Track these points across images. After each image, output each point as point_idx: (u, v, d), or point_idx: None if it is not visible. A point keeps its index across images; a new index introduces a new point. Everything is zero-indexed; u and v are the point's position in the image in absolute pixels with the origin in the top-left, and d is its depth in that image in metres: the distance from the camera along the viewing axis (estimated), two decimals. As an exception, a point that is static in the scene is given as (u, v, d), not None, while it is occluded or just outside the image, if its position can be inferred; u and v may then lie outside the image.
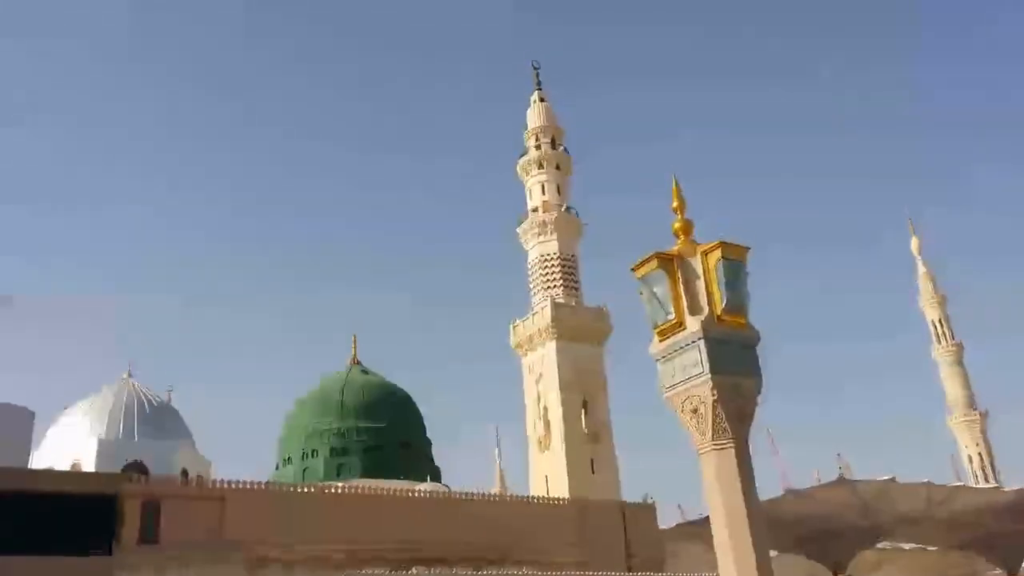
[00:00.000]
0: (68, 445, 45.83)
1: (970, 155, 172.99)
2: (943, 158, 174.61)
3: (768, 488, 56.22)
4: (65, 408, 49.84)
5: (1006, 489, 49.26)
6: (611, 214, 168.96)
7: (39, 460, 45.00)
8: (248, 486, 40.33)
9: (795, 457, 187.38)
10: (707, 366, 9.87)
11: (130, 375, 52.42)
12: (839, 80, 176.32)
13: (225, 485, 39.82)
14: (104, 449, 44.35)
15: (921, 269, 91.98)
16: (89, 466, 43.05)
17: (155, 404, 50.00)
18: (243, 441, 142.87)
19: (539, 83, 64.35)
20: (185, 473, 45.10)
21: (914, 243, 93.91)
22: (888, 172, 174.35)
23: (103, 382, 50.65)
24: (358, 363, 68.81)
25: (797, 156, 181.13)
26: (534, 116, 62.53)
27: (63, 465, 43.67)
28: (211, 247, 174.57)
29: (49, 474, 38.48)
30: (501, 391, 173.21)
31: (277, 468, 63.29)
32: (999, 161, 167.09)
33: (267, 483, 43.11)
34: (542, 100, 63.25)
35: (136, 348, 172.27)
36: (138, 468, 41.94)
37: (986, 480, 79.06)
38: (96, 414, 47.56)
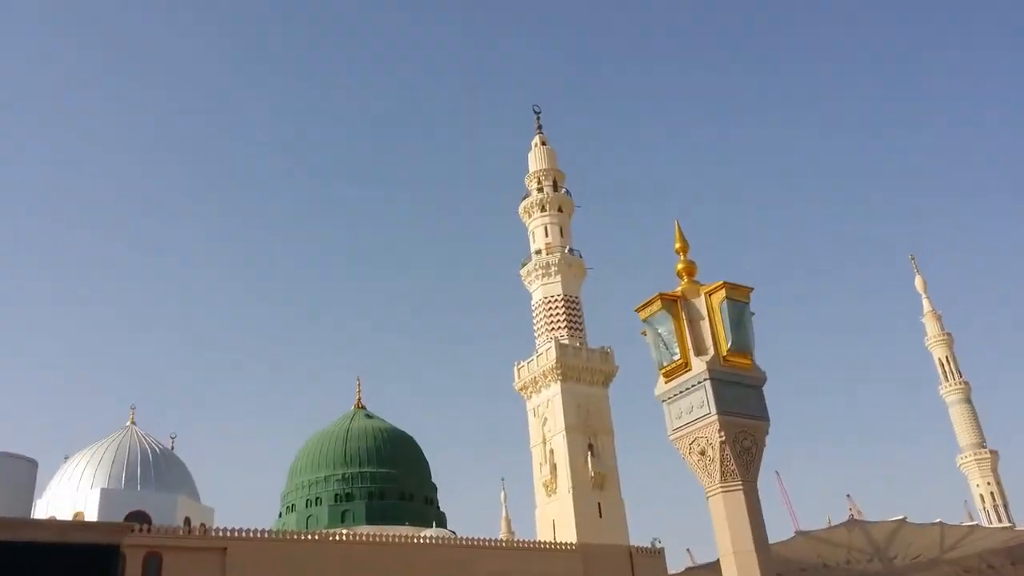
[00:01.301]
0: (71, 494, 45.52)
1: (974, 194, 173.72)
2: (946, 196, 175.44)
3: (778, 531, 55.41)
4: (67, 456, 49.57)
5: (1020, 528, 48.56)
6: (615, 255, 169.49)
7: (42, 509, 44.65)
8: (250, 535, 39.91)
9: (805, 499, 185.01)
10: (714, 407, 9.77)
11: (133, 422, 52.21)
12: (839, 119, 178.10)
13: (227, 534, 39.45)
14: (107, 499, 44.06)
15: (927, 307, 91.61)
16: (92, 516, 42.70)
17: (158, 451, 49.71)
18: (246, 486, 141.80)
19: (540, 126, 65.07)
20: (188, 522, 44.70)
21: (918, 281, 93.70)
22: (891, 210, 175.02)
23: (106, 426, 50.37)
24: (362, 407, 68.44)
25: (798, 197, 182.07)
26: (535, 159, 63.04)
27: (66, 515, 43.33)
28: (215, 290, 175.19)
29: (51, 524, 38.12)
30: (507, 435, 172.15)
31: (280, 516, 62.60)
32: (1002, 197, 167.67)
33: (269, 531, 42.58)
34: (543, 143, 63.84)
35: (139, 392, 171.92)
36: (141, 518, 41.62)
37: (999, 520, 77.84)
38: (99, 463, 47.26)
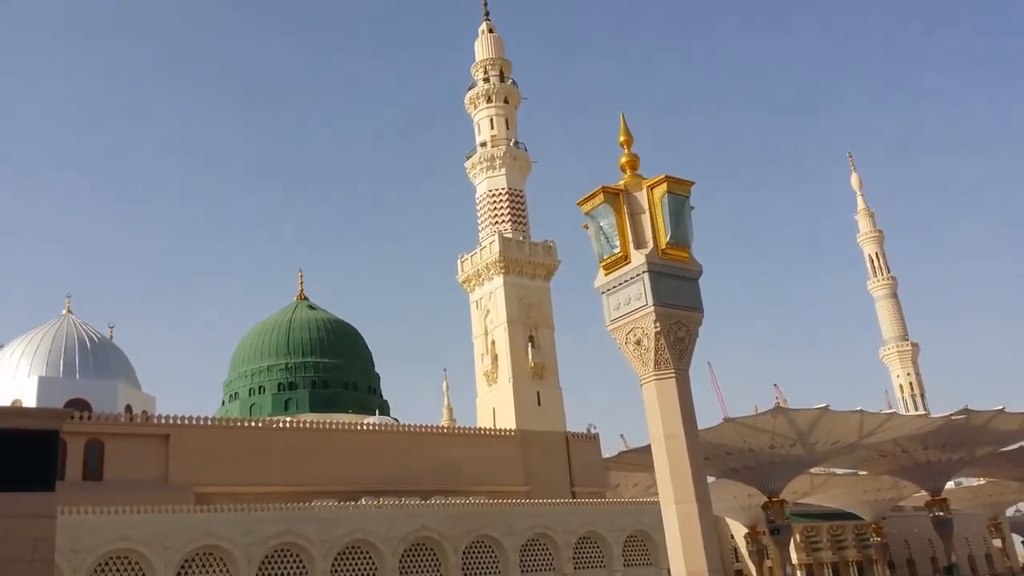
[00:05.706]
0: (7, 383, 44.91)
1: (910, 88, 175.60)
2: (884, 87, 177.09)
3: (708, 418, 57.86)
4: (1, 345, 48.62)
5: (934, 416, 51.61)
6: (560, 148, 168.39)
7: (-24, 398, 44.11)
8: (193, 422, 40.19)
9: (735, 389, 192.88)
10: (651, 298, 10.04)
11: (69, 311, 51.16)
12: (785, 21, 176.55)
13: (169, 421, 39.65)
14: (45, 387, 43.57)
15: (860, 205, 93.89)
16: (30, 404, 42.29)
17: (96, 340, 49.05)
18: (187, 378, 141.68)
19: (487, 13, 62.92)
20: (129, 410, 44.67)
21: (854, 179, 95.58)
22: (828, 108, 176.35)
23: (40, 317, 49.17)
24: (304, 298, 68.11)
25: (738, 91, 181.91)
26: (482, 48, 61.10)
27: (3, 403, 42.85)
28: (154, 179, 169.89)
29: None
30: (449, 327, 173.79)
31: (223, 404, 62.92)
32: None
33: (212, 419, 42.88)
34: (491, 31, 61.78)
35: (75, 282, 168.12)
36: (81, 406, 41.42)
37: (916, 408, 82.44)
38: (35, 352, 46.51)
